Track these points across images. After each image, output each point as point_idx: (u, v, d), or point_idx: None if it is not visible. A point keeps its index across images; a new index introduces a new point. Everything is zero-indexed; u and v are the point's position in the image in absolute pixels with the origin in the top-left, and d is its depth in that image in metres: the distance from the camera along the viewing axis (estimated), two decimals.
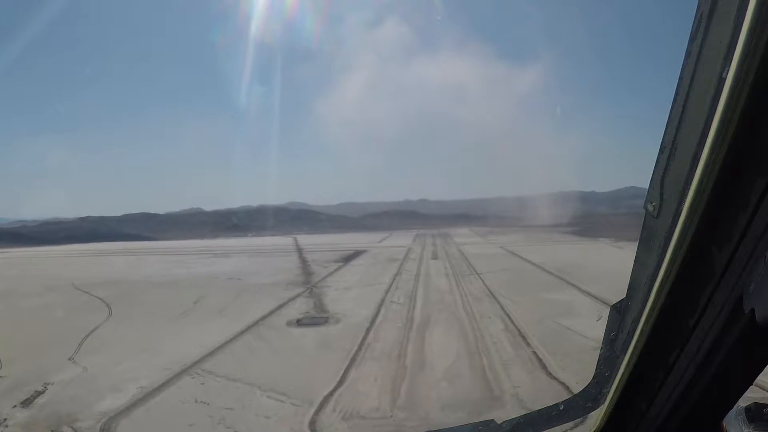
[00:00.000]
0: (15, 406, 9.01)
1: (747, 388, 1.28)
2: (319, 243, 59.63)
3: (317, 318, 16.05)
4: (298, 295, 20.49)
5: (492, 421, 1.75)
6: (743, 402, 1.41)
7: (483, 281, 22.64)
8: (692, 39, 1.04)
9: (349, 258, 38.58)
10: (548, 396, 8.65)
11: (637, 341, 1.29)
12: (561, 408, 1.65)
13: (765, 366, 1.20)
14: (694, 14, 1.02)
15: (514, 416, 1.75)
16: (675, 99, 1.11)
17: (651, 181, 1.23)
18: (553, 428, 1.63)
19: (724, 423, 1.41)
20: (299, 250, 48.35)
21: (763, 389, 5.63)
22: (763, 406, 1.43)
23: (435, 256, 39.55)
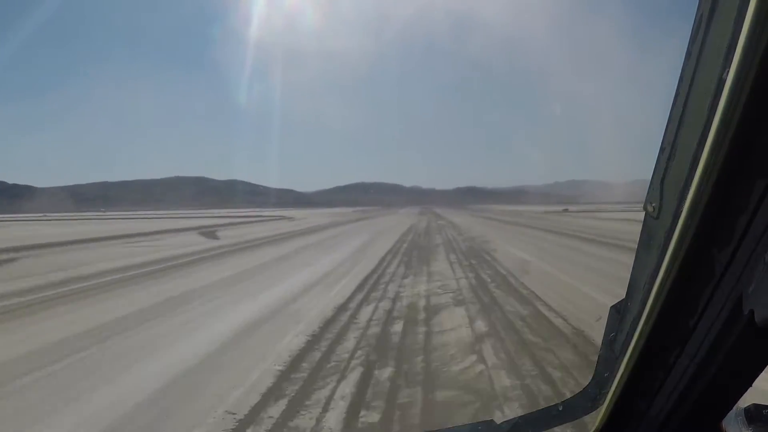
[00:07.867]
0: None
1: (746, 390, 1.28)
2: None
3: None
4: None
5: (491, 421, 1.75)
6: (742, 403, 1.41)
7: None
8: (692, 39, 1.04)
9: None
10: None
11: (637, 341, 1.29)
12: (560, 408, 1.65)
13: (765, 367, 1.20)
14: (694, 14, 1.02)
15: (513, 417, 1.74)
16: (675, 99, 1.12)
17: (651, 181, 1.23)
18: (552, 429, 1.63)
19: (724, 424, 1.41)
20: None
21: (763, 390, 5.54)
22: (762, 407, 1.43)
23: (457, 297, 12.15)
